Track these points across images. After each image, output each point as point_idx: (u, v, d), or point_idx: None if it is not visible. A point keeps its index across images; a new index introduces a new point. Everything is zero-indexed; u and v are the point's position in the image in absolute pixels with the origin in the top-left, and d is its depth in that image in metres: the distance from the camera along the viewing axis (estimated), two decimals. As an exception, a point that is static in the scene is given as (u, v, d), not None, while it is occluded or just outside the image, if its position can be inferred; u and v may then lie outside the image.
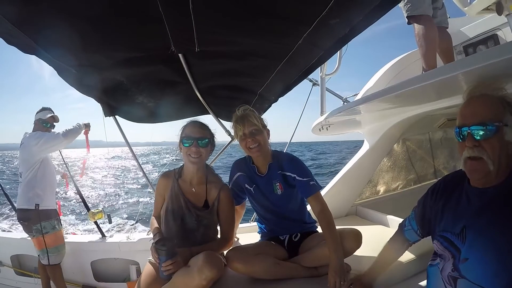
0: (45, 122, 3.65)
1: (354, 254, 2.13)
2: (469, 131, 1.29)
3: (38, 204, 3.39)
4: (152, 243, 2.00)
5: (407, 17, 2.70)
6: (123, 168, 40.77)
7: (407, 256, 2.18)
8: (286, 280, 2.08)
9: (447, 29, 2.95)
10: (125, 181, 26.28)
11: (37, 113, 3.73)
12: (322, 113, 3.33)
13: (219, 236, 2.33)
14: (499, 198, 1.28)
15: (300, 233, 2.39)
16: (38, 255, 3.46)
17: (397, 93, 1.81)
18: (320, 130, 2.97)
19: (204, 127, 2.23)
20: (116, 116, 3.14)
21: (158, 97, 2.78)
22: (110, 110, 3.03)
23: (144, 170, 3.48)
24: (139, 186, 21.30)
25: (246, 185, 2.44)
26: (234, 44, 1.94)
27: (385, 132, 3.27)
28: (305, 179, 2.24)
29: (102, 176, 29.84)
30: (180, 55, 2.17)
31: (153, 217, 2.38)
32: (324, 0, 1.35)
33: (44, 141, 3.43)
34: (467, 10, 2.77)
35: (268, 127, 2.35)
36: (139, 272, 3.55)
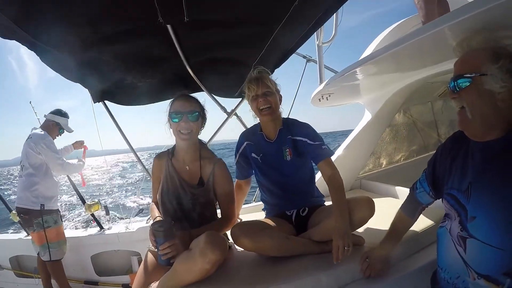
0: (62, 129, 3.64)
1: (367, 226, 2.02)
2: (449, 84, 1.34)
3: (44, 205, 3.28)
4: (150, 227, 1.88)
5: None
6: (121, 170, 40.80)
7: (422, 224, 2.07)
8: (296, 257, 1.93)
9: None
10: (124, 182, 26.32)
11: (56, 114, 3.61)
12: (320, 82, 3.22)
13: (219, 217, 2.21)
14: (503, 152, 1.24)
15: (308, 207, 2.25)
16: (38, 253, 3.33)
17: (400, 47, 1.67)
18: (320, 100, 2.84)
19: (192, 99, 2.09)
20: (106, 102, 3.01)
21: (148, 76, 2.63)
22: (99, 94, 2.89)
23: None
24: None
25: (253, 154, 2.32)
26: (226, 9, 1.85)
27: (386, 101, 3.14)
28: (316, 143, 2.16)
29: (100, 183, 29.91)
30: (168, 26, 2.04)
31: (152, 203, 2.27)
32: None
33: (45, 156, 3.35)
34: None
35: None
36: (140, 263, 3.42)
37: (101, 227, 3.70)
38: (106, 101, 3.01)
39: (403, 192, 2.83)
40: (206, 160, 2.14)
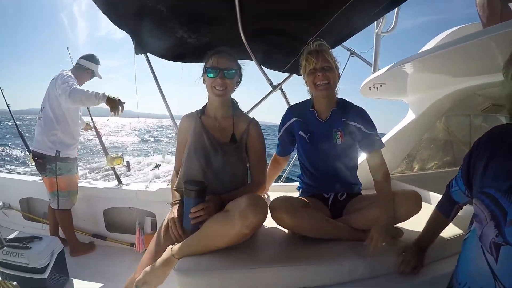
0: (91, 76, 3.52)
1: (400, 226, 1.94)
2: None
3: (59, 151, 3.18)
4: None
5: None
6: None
7: (458, 230, 1.99)
8: (330, 241, 1.85)
9: None
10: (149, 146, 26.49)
11: (87, 59, 3.47)
12: (374, 71, 3.13)
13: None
14: None
15: (347, 193, 2.17)
16: (49, 198, 3.27)
17: (464, 44, 1.60)
18: (370, 89, 2.75)
19: (231, 56, 2.00)
20: (148, 55, 2.96)
21: (199, 34, 2.56)
22: (143, 46, 2.83)
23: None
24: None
25: (301, 133, 2.19)
26: None
27: (432, 104, 3.04)
28: (371, 132, 2.05)
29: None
30: None
31: (174, 171, 2.15)
32: None
33: (59, 88, 3.11)
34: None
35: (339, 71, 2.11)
36: (154, 225, 3.36)
37: (120, 182, 3.63)
38: (148, 54, 2.95)
39: (436, 198, 2.73)
40: (240, 118, 2.08)
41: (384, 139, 3.22)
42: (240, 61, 2.07)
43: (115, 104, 3.02)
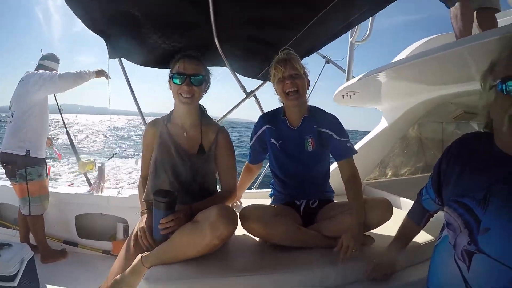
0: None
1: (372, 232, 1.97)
2: None
3: (29, 151, 3.10)
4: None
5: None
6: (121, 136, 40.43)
7: (424, 237, 2.01)
8: (301, 249, 1.86)
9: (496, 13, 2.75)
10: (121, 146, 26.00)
11: (48, 59, 3.44)
12: (348, 79, 3.17)
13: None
14: None
15: (319, 200, 2.17)
16: (19, 205, 3.18)
17: (437, 54, 1.63)
18: (343, 97, 2.78)
19: (198, 61, 1.92)
20: (122, 59, 2.91)
21: (173, 39, 2.51)
22: (117, 50, 2.78)
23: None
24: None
25: (272, 140, 2.19)
26: None
27: (405, 112, 3.10)
28: (343, 139, 2.06)
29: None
30: None
31: (140, 179, 2.10)
32: None
33: (45, 80, 3.13)
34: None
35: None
36: (126, 232, 3.32)
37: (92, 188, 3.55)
38: (122, 59, 2.90)
39: (407, 204, 2.79)
40: (208, 126, 2.01)
41: (357, 146, 3.27)
42: (214, 68, 2.05)
43: (104, 73, 3.38)
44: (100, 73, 3.41)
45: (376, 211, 1.85)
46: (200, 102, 2.03)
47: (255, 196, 2.96)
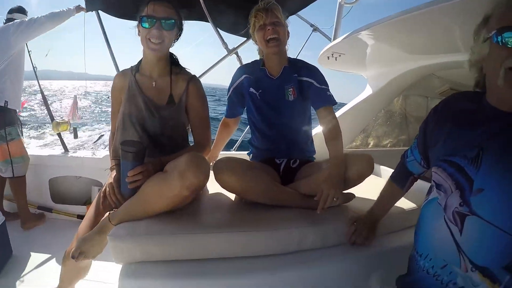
0: None
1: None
2: None
3: (7, 102, 2.95)
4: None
5: None
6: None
7: (411, 204, 1.97)
8: (279, 208, 1.78)
9: None
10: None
11: (15, 12, 3.25)
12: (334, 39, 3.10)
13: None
14: None
15: (299, 160, 2.13)
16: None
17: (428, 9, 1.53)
18: (328, 59, 2.71)
19: (170, 4, 1.77)
20: (100, 12, 2.82)
21: None
22: (94, 2, 2.67)
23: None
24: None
25: (251, 89, 2.12)
26: None
27: (391, 80, 3.05)
28: (323, 86, 2.02)
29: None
30: None
31: (111, 134, 1.99)
32: None
33: (25, 26, 2.98)
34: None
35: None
36: (102, 194, 3.23)
37: (66, 149, 3.43)
38: (100, 12, 2.80)
39: (387, 172, 2.77)
40: (179, 75, 1.88)
41: (339, 112, 3.24)
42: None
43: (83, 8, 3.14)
44: (80, 8, 3.14)
45: (357, 165, 1.79)
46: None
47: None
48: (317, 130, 2.90)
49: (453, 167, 1.12)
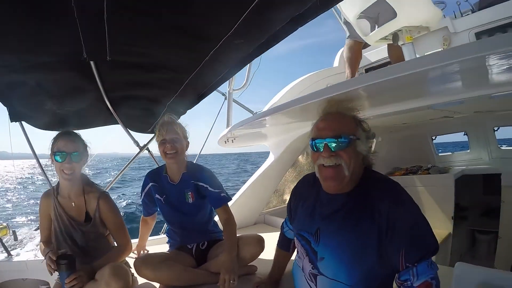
0: None
1: (261, 258, 2.32)
2: (325, 142, 1.40)
3: None
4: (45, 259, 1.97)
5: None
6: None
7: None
8: (196, 287, 2.17)
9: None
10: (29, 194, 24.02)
11: None
12: (227, 126, 3.52)
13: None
14: (349, 204, 1.44)
15: (207, 241, 2.52)
16: None
17: (289, 109, 2.00)
18: (225, 143, 3.13)
19: (76, 138, 2.18)
20: (23, 122, 2.99)
21: (68, 105, 2.72)
22: (17, 115, 2.89)
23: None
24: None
25: (157, 196, 2.51)
26: (145, 56, 2.01)
27: (289, 145, 3.53)
28: (216, 190, 2.42)
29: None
30: (91, 62, 2.17)
31: (41, 243, 2.27)
32: (229, 22, 1.51)
33: None
34: (367, 39, 2.86)
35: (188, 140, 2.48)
36: (50, 294, 3.29)
37: (9, 254, 3.42)
38: (23, 122, 2.99)
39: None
40: (90, 194, 2.20)
41: (250, 181, 3.66)
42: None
43: None
44: None
45: (248, 247, 2.26)
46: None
47: (162, 242, 3.16)
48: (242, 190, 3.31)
49: (303, 240, 1.58)
